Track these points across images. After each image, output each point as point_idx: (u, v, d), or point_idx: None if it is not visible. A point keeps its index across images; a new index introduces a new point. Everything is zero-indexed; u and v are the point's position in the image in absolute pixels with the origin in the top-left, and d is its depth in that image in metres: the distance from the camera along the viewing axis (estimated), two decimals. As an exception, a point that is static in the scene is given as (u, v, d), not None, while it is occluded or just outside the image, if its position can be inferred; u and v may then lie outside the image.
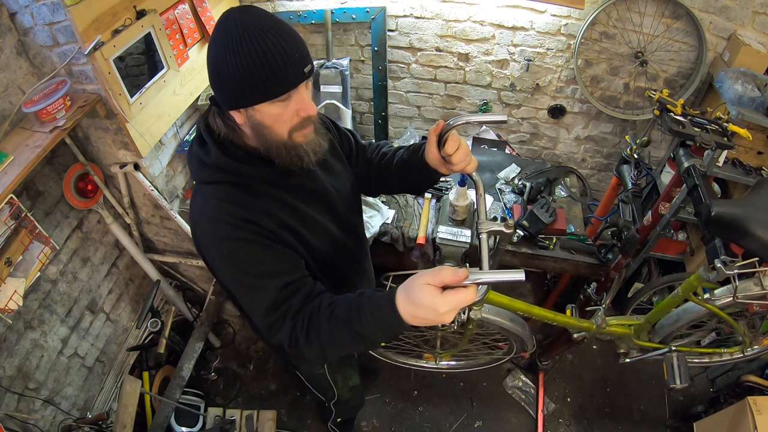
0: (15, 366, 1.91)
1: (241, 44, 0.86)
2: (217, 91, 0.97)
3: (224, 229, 0.97)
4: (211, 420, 2.32)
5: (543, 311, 1.74)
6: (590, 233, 2.38)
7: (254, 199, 1.00)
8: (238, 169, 0.99)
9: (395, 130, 2.86)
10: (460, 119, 1.05)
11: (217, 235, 0.98)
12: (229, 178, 0.99)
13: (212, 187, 1.01)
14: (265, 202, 1.01)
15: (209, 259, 1.05)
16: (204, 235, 1.02)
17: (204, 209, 1.01)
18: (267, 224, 0.99)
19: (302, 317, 0.96)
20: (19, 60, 1.70)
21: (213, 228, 0.98)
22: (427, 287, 0.77)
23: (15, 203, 1.66)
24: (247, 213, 0.97)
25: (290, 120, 0.95)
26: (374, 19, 2.32)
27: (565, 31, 2.24)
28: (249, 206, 0.98)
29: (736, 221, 1.31)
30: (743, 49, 1.97)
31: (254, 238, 0.97)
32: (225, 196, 0.99)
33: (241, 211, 0.97)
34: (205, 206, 1.00)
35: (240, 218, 0.96)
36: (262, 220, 0.98)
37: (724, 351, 2.00)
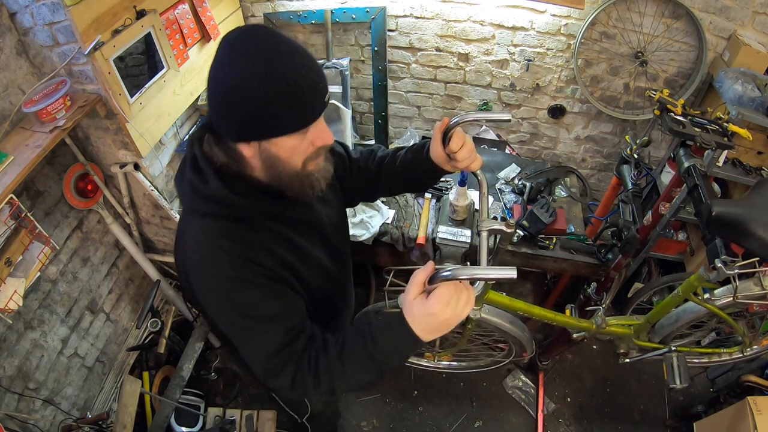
0: (15, 366, 1.91)
1: (265, 67, 0.75)
2: (222, 118, 0.83)
3: (223, 268, 0.88)
4: (211, 420, 2.31)
5: (543, 311, 1.74)
6: (590, 233, 2.38)
7: (254, 235, 0.91)
8: (240, 203, 0.88)
9: (395, 130, 2.86)
10: (465, 116, 1.05)
11: (215, 274, 0.89)
12: (229, 211, 0.89)
13: (208, 221, 0.90)
14: (265, 237, 0.93)
15: (205, 301, 0.95)
16: (200, 275, 0.92)
17: (199, 246, 0.90)
18: (267, 262, 0.91)
19: (307, 359, 0.91)
20: (19, 60, 1.70)
21: (210, 267, 0.89)
22: (415, 301, 0.82)
23: (15, 203, 1.66)
24: (247, 250, 0.89)
25: (306, 150, 0.87)
26: (374, 19, 2.32)
27: (565, 31, 2.24)
28: (249, 243, 0.90)
29: (736, 221, 1.31)
30: (743, 49, 1.97)
31: (255, 278, 0.89)
32: (223, 231, 0.89)
33: (240, 248, 0.88)
34: (201, 242, 0.90)
35: (240, 256, 0.88)
36: (262, 257, 0.90)
37: (723, 351, 2.00)
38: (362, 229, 2.34)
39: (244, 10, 2.46)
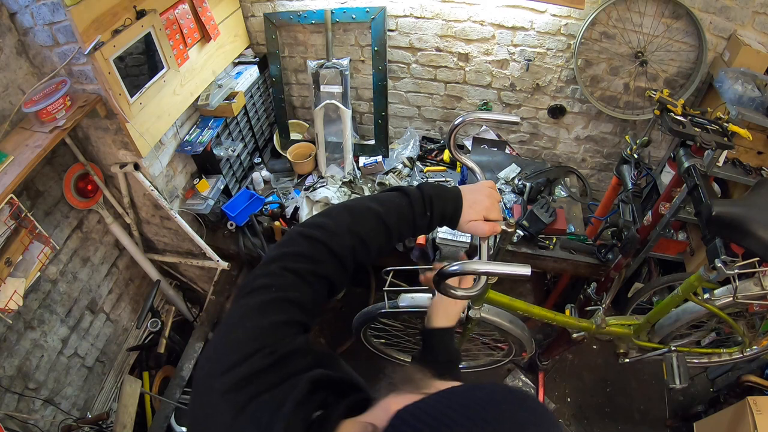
0: (15, 366, 1.91)
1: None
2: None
3: None
4: (211, 420, 2.31)
5: (543, 311, 1.74)
6: (590, 233, 2.38)
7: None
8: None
9: (395, 130, 2.86)
10: (471, 114, 1.04)
11: None
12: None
13: None
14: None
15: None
16: None
17: None
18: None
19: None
20: (19, 60, 1.70)
21: None
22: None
23: (15, 203, 1.66)
24: None
25: None
26: (374, 19, 2.32)
27: (565, 31, 2.24)
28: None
29: (736, 221, 1.31)
30: (743, 49, 1.97)
31: None
32: None
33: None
34: None
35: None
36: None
37: (723, 351, 2.00)
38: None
39: (244, 10, 2.47)
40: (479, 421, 0.44)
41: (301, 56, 2.62)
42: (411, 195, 0.80)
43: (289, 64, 2.68)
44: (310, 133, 2.82)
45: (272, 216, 2.45)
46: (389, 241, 0.80)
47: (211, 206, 2.33)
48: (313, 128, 2.60)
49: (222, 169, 2.38)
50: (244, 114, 2.52)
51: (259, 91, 2.64)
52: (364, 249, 0.77)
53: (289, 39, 2.56)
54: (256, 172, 2.65)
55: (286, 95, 2.79)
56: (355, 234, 0.75)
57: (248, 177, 2.66)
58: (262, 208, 2.47)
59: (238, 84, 2.37)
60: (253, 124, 2.64)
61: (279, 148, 2.80)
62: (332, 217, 0.77)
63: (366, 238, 0.76)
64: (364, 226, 0.77)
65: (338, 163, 2.66)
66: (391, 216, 0.78)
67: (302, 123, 2.88)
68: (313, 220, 0.78)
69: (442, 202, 0.81)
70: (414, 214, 0.80)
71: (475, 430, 0.43)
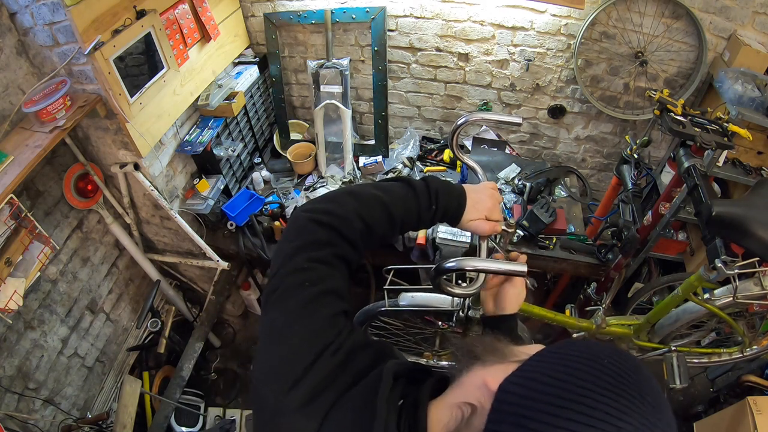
0: (15, 366, 1.91)
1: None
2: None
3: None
4: (211, 420, 2.32)
5: (543, 311, 1.74)
6: (590, 233, 2.38)
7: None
8: None
9: (395, 130, 2.86)
10: (474, 115, 1.04)
11: None
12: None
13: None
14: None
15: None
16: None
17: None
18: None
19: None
20: (19, 60, 1.70)
21: None
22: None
23: (15, 203, 1.66)
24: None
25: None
26: (374, 19, 2.32)
27: (565, 31, 2.24)
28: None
29: (736, 221, 1.31)
30: (743, 49, 1.97)
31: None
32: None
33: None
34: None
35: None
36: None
37: (723, 351, 2.00)
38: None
39: (244, 10, 2.47)
40: (590, 375, 0.44)
41: (301, 56, 2.62)
42: (417, 188, 0.80)
43: (289, 64, 2.69)
44: (310, 133, 2.82)
45: (272, 216, 2.46)
46: (392, 231, 0.80)
47: (211, 206, 2.33)
48: (313, 128, 2.60)
49: (222, 169, 2.38)
50: (244, 114, 2.52)
51: (259, 91, 2.64)
52: (369, 235, 0.76)
53: (289, 39, 2.56)
54: (256, 172, 2.65)
55: (286, 95, 2.79)
56: (362, 219, 0.74)
57: (248, 177, 2.66)
58: (262, 208, 2.47)
59: (238, 84, 2.37)
60: (253, 124, 2.64)
61: (279, 148, 2.79)
62: (337, 201, 0.75)
63: (372, 225, 0.75)
64: (370, 212, 0.75)
65: (338, 163, 2.66)
66: (396, 206, 0.78)
67: (302, 123, 2.88)
68: (318, 205, 0.75)
69: (447, 197, 0.81)
70: (419, 207, 0.79)
71: (593, 386, 0.42)
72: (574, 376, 0.44)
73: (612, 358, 0.46)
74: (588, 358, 0.46)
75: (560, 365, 0.46)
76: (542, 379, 0.45)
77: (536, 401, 0.43)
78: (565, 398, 0.42)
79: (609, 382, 0.43)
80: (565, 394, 0.42)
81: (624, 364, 0.46)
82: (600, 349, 0.47)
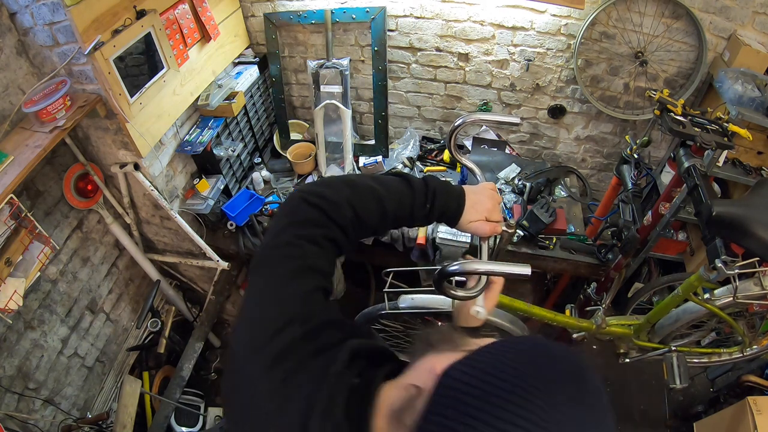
0: (15, 366, 1.91)
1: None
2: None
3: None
4: (211, 420, 2.32)
5: (543, 311, 1.74)
6: (590, 233, 2.38)
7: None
8: None
9: (395, 130, 2.86)
10: (472, 116, 1.04)
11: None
12: None
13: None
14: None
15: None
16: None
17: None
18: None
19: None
20: (19, 60, 1.70)
21: None
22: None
23: (15, 203, 1.66)
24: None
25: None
26: (374, 19, 2.32)
27: (565, 31, 2.24)
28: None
29: (736, 221, 1.31)
30: (743, 49, 1.97)
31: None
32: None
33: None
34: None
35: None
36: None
37: (723, 351, 2.00)
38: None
39: (244, 10, 2.46)
40: (530, 368, 0.45)
41: (301, 56, 2.62)
42: (414, 184, 0.80)
43: (289, 64, 2.68)
44: (310, 133, 2.81)
45: (272, 216, 2.46)
46: (384, 224, 0.80)
47: (211, 206, 2.33)
48: (313, 128, 2.60)
49: (222, 169, 2.38)
50: (244, 114, 2.52)
51: (259, 91, 2.64)
52: (360, 225, 0.77)
53: (289, 39, 2.56)
54: (256, 172, 2.65)
55: (286, 95, 2.79)
56: (353, 208, 0.75)
57: (248, 177, 2.66)
58: (262, 208, 2.47)
59: (238, 84, 2.37)
60: (253, 124, 2.64)
61: (279, 148, 2.79)
62: (332, 187, 0.77)
63: (362, 215, 0.76)
64: (362, 202, 0.76)
65: (338, 163, 2.66)
66: (391, 200, 0.78)
67: (302, 123, 2.88)
68: (313, 187, 0.77)
69: (444, 198, 0.82)
70: (414, 204, 0.80)
71: (527, 380, 0.44)
72: (514, 369, 0.45)
73: (557, 359, 0.47)
74: (533, 354, 0.47)
75: (504, 358, 0.47)
76: (483, 368, 0.46)
77: (474, 388, 0.44)
78: (501, 389, 0.43)
79: (545, 380, 0.44)
80: (501, 385, 0.43)
81: (568, 365, 0.47)
82: (549, 349, 0.49)
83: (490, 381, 0.44)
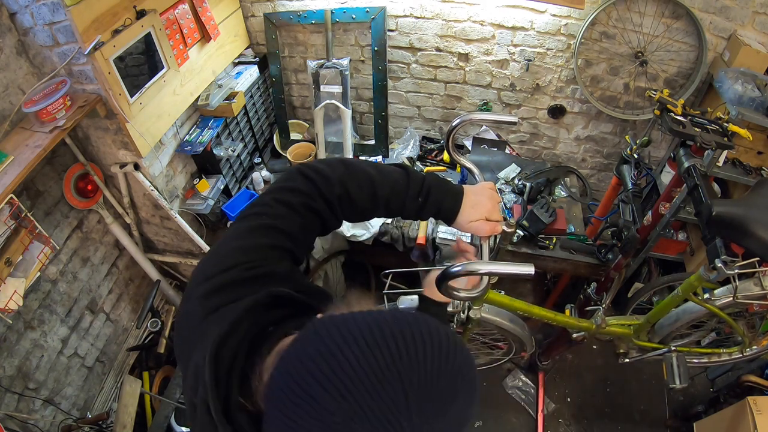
0: (15, 366, 1.91)
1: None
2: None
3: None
4: (211, 420, 2.31)
5: (543, 311, 1.74)
6: (590, 233, 2.38)
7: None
8: None
9: (395, 130, 2.86)
10: (469, 116, 1.03)
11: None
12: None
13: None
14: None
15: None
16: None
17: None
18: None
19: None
20: (19, 60, 1.70)
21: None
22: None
23: (15, 203, 1.66)
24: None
25: None
26: (374, 19, 2.32)
27: (565, 31, 2.24)
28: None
29: (736, 221, 1.31)
30: (743, 49, 1.97)
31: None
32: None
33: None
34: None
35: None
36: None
37: (723, 351, 2.00)
38: (362, 229, 2.34)
39: (244, 10, 2.47)
40: (376, 330, 0.45)
41: (301, 56, 2.62)
42: (411, 176, 0.82)
43: (289, 64, 2.69)
44: (310, 133, 2.82)
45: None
46: (374, 209, 0.82)
47: (211, 206, 2.33)
48: (313, 128, 2.60)
49: (222, 169, 2.38)
50: (244, 114, 2.52)
51: (259, 91, 2.64)
52: (350, 203, 0.79)
53: (289, 39, 2.56)
54: (256, 172, 2.65)
55: (286, 95, 2.79)
56: (344, 186, 0.78)
57: (248, 177, 2.66)
58: (262, 208, 2.47)
59: (238, 84, 2.37)
60: (253, 124, 2.64)
61: (279, 148, 2.79)
62: (329, 165, 0.80)
63: (353, 194, 0.78)
64: (355, 183, 0.79)
65: (338, 163, 2.65)
66: (384, 186, 0.80)
67: (302, 123, 2.88)
68: (313, 163, 0.81)
69: (440, 194, 0.82)
70: (407, 195, 0.81)
71: (368, 338, 0.44)
72: (364, 326, 0.46)
73: (420, 347, 0.45)
74: (391, 320, 0.47)
75: (363, 318, 0.47)
76: (339, 322, 0.47)
77: (318, 342, 0.46)
78: (337, 344, 0.44)
79: (381, 367, 0.43)
80: (338, 341, 0.45)
81: (431, 357, 0.45)
82: (421, 332, 0.46)
83: (336, 333, 0.45)
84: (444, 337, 0.47)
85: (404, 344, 0.45)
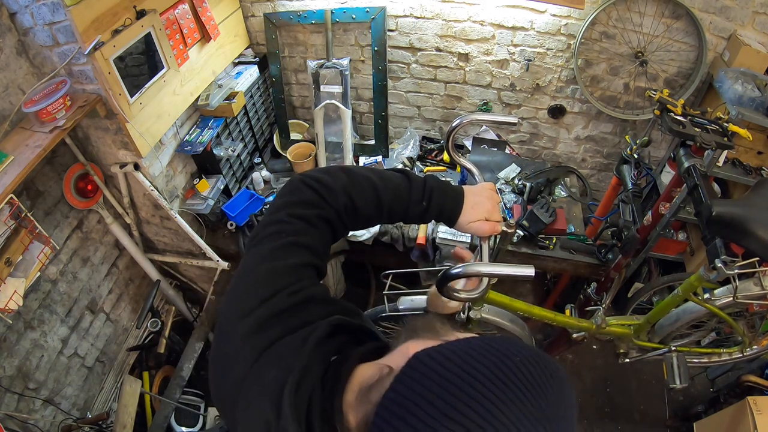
0: (15, 366, 1.91)
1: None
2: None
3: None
4: (211, 420, 2.32)
5: (543, 311, 1.74)
6: (590, 233, 2.38)
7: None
8: None
9: (395, 130, 2.86)
10: (469, 116, 1.03)
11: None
12: None
13: None
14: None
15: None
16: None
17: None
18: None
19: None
20: (19, 60, 1.70)
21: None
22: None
23: (15, 203, 1.66)
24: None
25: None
26: (374, 19, 2.32)
27: (565, 31, 2.24)
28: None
29: (736, 221, 1.31)
30: (743, 49, 1.97)
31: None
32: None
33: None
34: None
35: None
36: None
37: (723, 351, 2.00)
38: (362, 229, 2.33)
39: (244, 10, 2.47)
40: (494, 368, 0.45)
41: (301, 56, 2.62)
42: (413, 181, 0.82)
43: (289, 64, 2.69)
44: (310, 133, 2.81)
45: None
46: (379, 216, 0.82)
47: (211, 206, 2.33)
48: (313, 128, 2.60)
49: (222, 169, 2.38)
50: (244, 114, 2.52)
51: (259, 91, 2.64)
52: (354, 212, 0.78)
53: (289, 39, 2.56)
54: (256, 172, 2.65)
55: (286, 95, 2.79)
56: (348, 195, 0.77)
57: (248, 177, 2.66)
58: (262, 208, 2.47)
59: (238, 84, 2.37)
60: (253, 124, 2.64)
61: (279, 148, 2.79)
62: (331, 174, 0.79)
63: (357, 203, 0.78)
64: (358, 191, 0.78)
65: (338, 164, 2.66)
66: (387, 193, 0.79)
67: (302, 123, 2.88)
68: (313, 173, 0.79)
69: (442, 197, 0.82)
70: (410, 200, 0.81)
71: (488, 375, 0.44)
72: (479, 363, 0.45)
73: (523, 365, 0.46)
74: (506, 354, 0.47)
75: (474, 351, 0.47)
76: (450, 356, 0.47)
77: (435, 372, 0.45)
78: (461, 378, 0.44)
79: (511, 383, 0.44)
80: (461, 374, 0.44)
81: (533, 373, 0.46)
82: (525, 351, 0.48)
83: (452, 369, 0.45)
84: (542, 354, 0.49)
85: (529, 373, 0.45)
